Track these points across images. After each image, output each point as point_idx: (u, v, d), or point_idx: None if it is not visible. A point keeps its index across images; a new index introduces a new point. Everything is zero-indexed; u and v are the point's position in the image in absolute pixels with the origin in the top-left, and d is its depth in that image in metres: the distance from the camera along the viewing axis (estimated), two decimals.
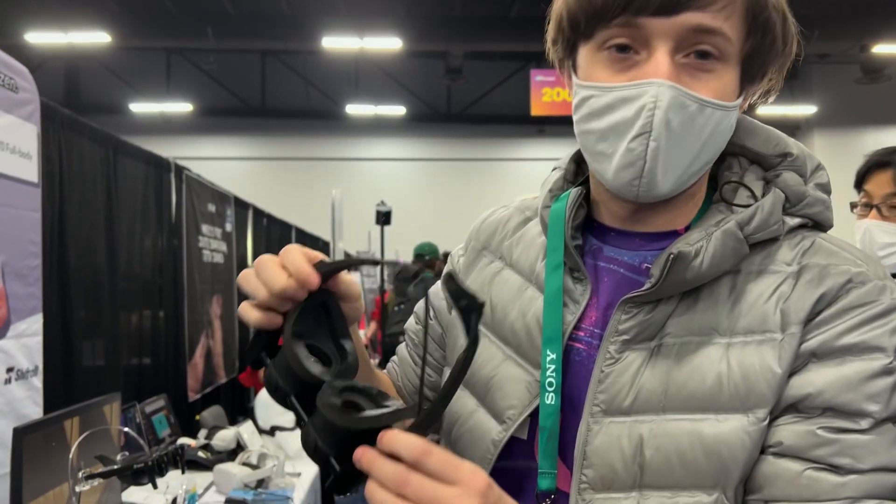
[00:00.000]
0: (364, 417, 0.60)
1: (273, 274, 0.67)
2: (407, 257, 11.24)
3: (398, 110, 13.54)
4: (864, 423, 0.66)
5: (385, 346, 6.74)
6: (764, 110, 13.30)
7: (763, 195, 0.75)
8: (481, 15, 11.14)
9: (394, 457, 0.56)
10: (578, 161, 0.87)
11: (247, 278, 0.68)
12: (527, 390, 0.77)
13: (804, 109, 13.62)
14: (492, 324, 0.84)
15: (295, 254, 0.67)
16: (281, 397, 0.67)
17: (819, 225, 0.77)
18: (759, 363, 0.69)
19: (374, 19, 9.94)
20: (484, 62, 13.02)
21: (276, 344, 0.70)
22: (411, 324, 0.98)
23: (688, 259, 0.70)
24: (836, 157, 14.70)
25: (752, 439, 0.67)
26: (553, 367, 0.75)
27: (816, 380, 0.67)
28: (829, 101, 13.71)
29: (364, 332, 8.31)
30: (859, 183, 1.69)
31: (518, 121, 13.26)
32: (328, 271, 0.69)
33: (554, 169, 0.88)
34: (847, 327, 0.68)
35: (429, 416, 0.59)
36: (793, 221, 0.75)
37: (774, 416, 0.68)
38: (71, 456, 1.50)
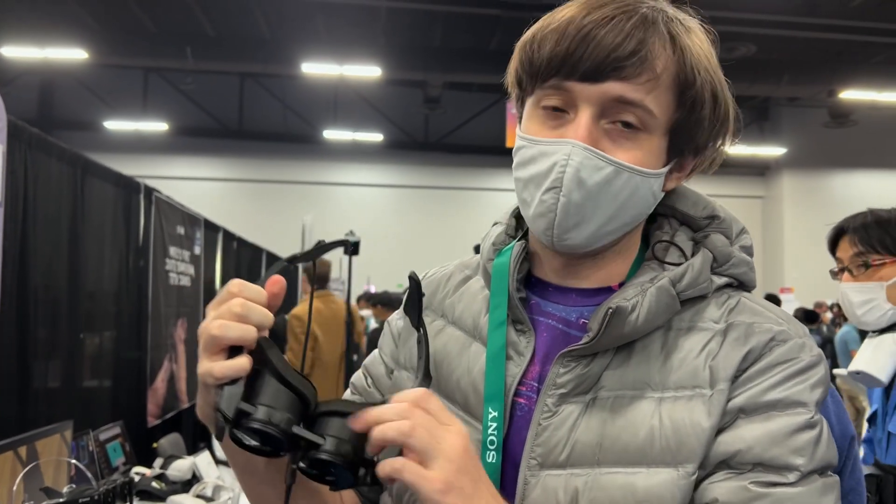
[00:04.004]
0: (377, 403, 0.67)
1: (257, 309, 0.67)
2: (378, 283, 11.20)
3: (376, 137, 13.58)
4: (792, 477, 0.69)
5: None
6: (734, 150, 13.60)
7: (693, 255, 0.79)
8: (461, 46, 11.28)
9: None
10: (518, 216, 0.89)
11: (228, 327, 0.66)
12: (475, 448, 0.77)
13: (773, 151, 13.91)
14: (436, 383, 0.83)
15: (239, 285, 0.68)
16: (280, 434, 0.64)
17: (743, 285, 0.81)
18: (689, 418, 0.71)
19: (354, 47, 10.00)
20: (462, 93, 13.14)
21: (249, 389, 0.67)
22: (359, 378, 0.95)
23: (625, 314, 0.73)
24: (805, 198, 15.05)
25: (682, 492, 0.69)
26: (495, 424, 0.76)
27: (745, 435, 0.70)
28: (798, 144, 14.02)
29: None
30: (833, 251, 1.78)
31: (493, 151, 13.37)
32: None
33: (495, 224, 0.90)
34: (771, 384, 0.72)
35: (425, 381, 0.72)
36: (720, 280, 0.79)
37: (707, 472, 0.71)
38: (14, 488, 1.45)
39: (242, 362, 0.66)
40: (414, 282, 0.75)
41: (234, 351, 0.66)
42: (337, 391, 5.03)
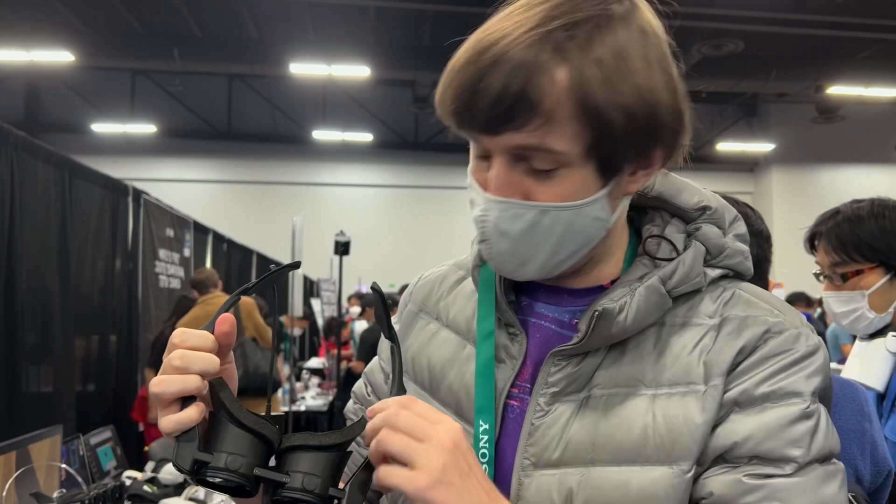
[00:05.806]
0: (346, 430, 0.69)
1: (199, 357, 0.66)
2: (370, 284, 11.17)
3: (365, 137, 13.56)
4: (789, 469, 0.68)
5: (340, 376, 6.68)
6: (723, 146, 13.63)
7: (685, 248, 0.77)
8: (450, 45, 11.27)
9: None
10: None
11: (167, 382, 0.65)
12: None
13: (762, 147, 13.97)
14: (430, 387, 0.83)
15: (181, 335, 0.68)
16: (241, 478, 0.65)
17: (739, 275, 0.80)
18: (682, 415, 0.70)
19: (342, 46, 9.97)
20: None
21: (205, 438, 0.67)
22: (350, 407, 0.95)
23: (612, 315, 0.72)
24: (793, 193, 15.12)
25: (678, 491, 0.68)
26: (486, 437, 0.75)
27: (740, 429, 0.69)
28: (787, 139, 14.08)
29: (323, 361, 8.20)
30: (812, 252, 1.73)
31: None
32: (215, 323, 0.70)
33: None
34: (765, 375, 0.71)
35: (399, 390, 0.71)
36: (714, 273, 0.77)
37: (704, 468, 0.70)
38: (4, 494, 1.44)
39: (189, 413, 0.66)
40: (378, 294, 0.74)
41: (188, 400, 0.67)
42: None
